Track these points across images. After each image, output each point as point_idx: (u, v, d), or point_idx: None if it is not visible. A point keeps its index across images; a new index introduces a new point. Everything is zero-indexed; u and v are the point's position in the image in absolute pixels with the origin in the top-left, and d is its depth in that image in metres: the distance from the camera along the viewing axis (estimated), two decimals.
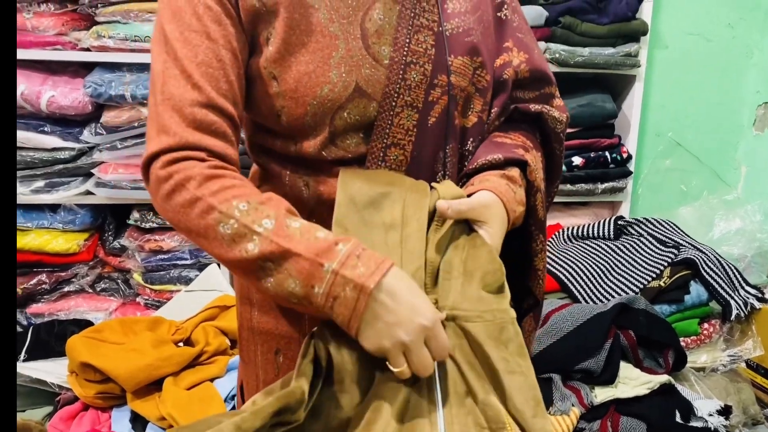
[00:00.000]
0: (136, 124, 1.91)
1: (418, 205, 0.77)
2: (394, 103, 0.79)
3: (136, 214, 2.04)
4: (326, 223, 0.76)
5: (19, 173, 1.95)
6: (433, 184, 0.81)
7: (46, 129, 1.91)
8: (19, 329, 2.03)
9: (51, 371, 1.73)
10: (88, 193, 1.99)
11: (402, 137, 0.80)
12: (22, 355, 1.83)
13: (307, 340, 0.72)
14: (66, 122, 1.93)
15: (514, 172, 0.83)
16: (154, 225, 2.03)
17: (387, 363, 0.70)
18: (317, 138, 0.79)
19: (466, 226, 0.79)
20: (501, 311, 0.74)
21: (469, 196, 0.80)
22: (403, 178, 0.80)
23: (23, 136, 1.90)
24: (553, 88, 0.95)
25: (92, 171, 1.98)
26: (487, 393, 0.71)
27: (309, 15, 0.76)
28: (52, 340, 1.88)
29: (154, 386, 1.59)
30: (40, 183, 1.96)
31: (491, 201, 0.78)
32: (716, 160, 2.40)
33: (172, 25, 0.75)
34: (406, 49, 0.79)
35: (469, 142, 0.88)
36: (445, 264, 0.76)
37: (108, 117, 1.90)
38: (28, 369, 1.75)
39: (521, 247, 0.89)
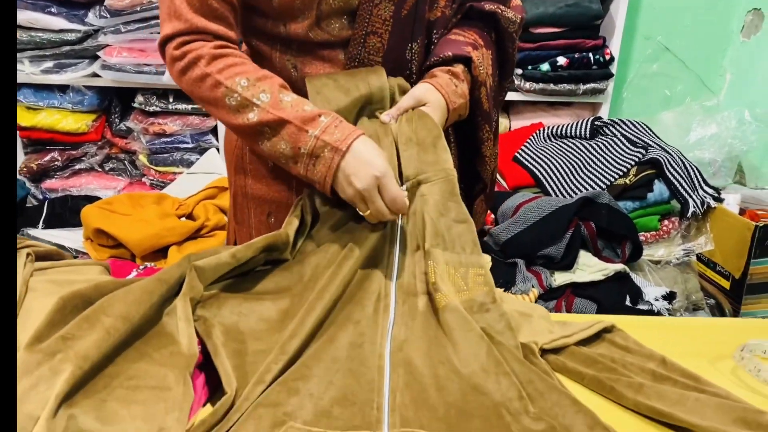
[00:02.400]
0: (138, 9, 1.97)
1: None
2: None
3: (140, 98, 2.14)
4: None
5: (28, 53, 2.04)
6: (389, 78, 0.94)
7: (52, 10, 1.98)
8: (35, 202, 2.20)
9: (68, 238, 1.91)
10: (95, 75, 2.09)
11: (380, 26, 0.91)
12: (41, 224, 2.02)
13: (296, 202, 0.90)
14: (71, 4, 2.00)
15: (459, 68, 0.96)
16: (158, 109, 2.14)
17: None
18: (305, 20, 0.89)
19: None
20: (449, 169, 0.91)
21: None
22: (365, 76, 0.93)
23: (31, 17, 1.98)
24: None
25: (98, 54, 2.06)
26: (434, 246, 0.86)
27: None
28: (66, 212, 2.05)
29: (161, 254, 1.77)
30: (49, 63, 2.06)
31: (429, 92, 0.93)
32: (702, 66, 2.42)
33: None
34: None
35: (434, 36, 0.98)
36: (401, 136, 0.91)
37: (112, 0, 1.96)
38: (46, 235, 1.93)
39: (471, 135, 1.02)
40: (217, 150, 2.21)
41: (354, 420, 0.68)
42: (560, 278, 1.73)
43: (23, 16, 1.98)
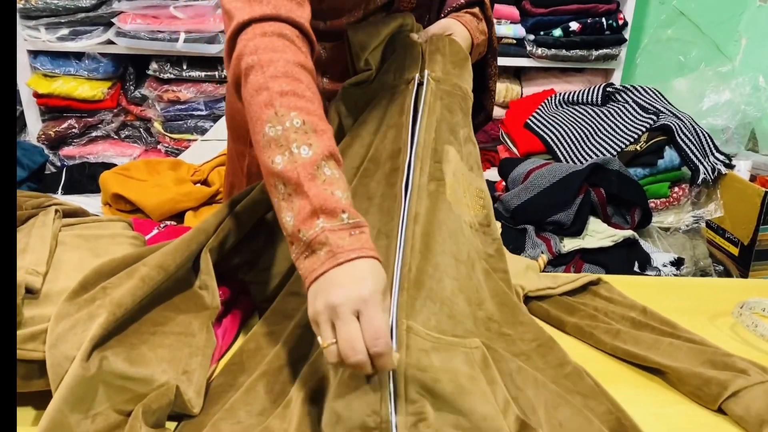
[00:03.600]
0: None
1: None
2: None
3: (154, 65, 2.17)
4: (341, 80, 0.93)
5: (44, 20, 2.07)
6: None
7: None
8: (53, 169, 2.25)
9: (86, 203, 1.96)
10: (109, 42, 2.11)
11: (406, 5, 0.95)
12: (60, 191, 2.06)
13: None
14: None
15: (476, 9, 1.01)
16: (172, 76, 2.16)
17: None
18: (350, 18, 0.91)
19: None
20: (469, 91, 0.95)
21: None
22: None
23: None
24: None
25: (112, 20, 2.08)
26: (449, 143, 0.87)
27: None
28: (84, 179, 2.09)
29: (177, 218, 1.81)
30: (65, 31, 2.08)
31: (455, 24, 0.97)
32: (718, 32, 2.39)
33: None
34: None
35: None
36: (431, 45, 0.94)
37: None
38: (66, 200, 1.97)
39: (480, 72, 1.07)
40: None
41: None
42: (569, 244, 1.74)
43: None
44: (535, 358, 0.76)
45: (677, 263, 1.78)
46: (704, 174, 1.84)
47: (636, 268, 1.76)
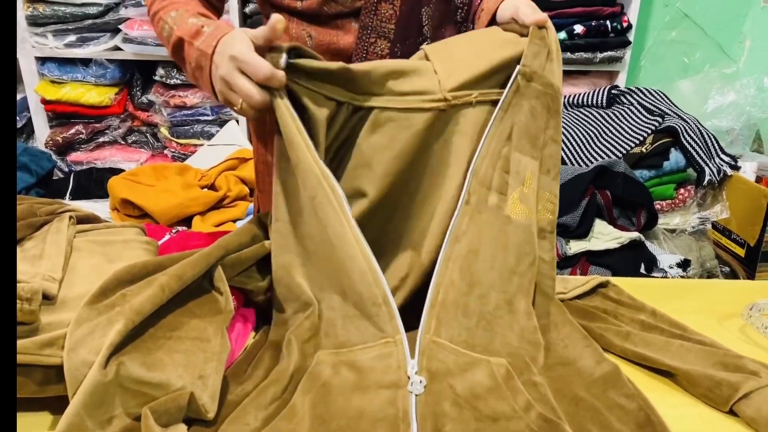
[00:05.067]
0: None
1: None
2: None
3: (161, 71, 2.18)
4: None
5: (51, 27, 2.08)
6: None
7: None
8: (61, 175, 2.26)
9: (94, 209, 1.97)
10: (117, 48, 2.13)
11: None
12: (67, 196, 2.08)
13: None
14: None
15: None
16: (178, 81, 2.18)
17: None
18: None
19: None
20: (560, 87, 0.86)
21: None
22: None
23: None
24: None
25: (119, 27, 2.09)
26: (526, 152, 0.83)
27: None
28: (91, 184, 2.11)
29: (185, 223, 1.83)
30: (72, 37, 2.09)
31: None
32: (722, 33, 2.40)
33: None
34: None
35: None
36: (532, 38, 0.86)
37: None
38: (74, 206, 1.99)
39: None
40: (237, 122, 2.25)
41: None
42: (575, 246, 1.75)
43: None
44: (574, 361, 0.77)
45: (683, 265, 1.78)
46: (710, 175, 1.84)
47: (642, 270, 1.76)
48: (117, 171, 2.11)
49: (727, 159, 1.86)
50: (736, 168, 1.87)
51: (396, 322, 0.73)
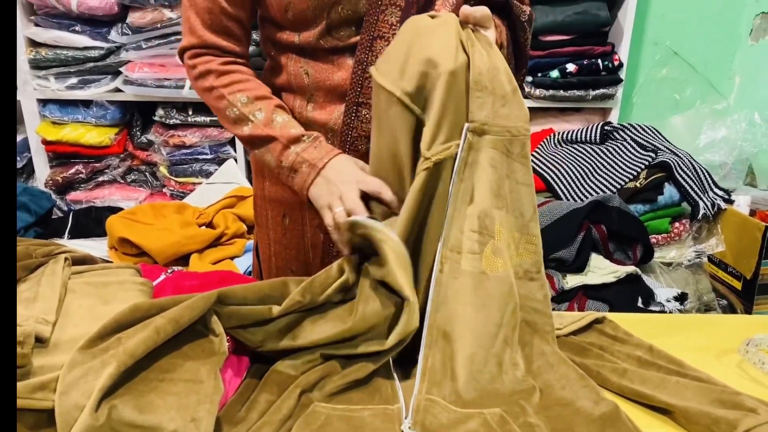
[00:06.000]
0: (159, 26, 2.04)
1: None
2: (380, 2, 0.94)
3: (160, 111, 2.21)
4: (324, 107, 0.98)
5: (54, 70, 2.12)
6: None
7: (77, 29, 2.06)
8: (60, 214, 2.27)
9: (92, 247, 1.98)
10: (117, 90, 2.16)
11: (386, 30, 0.95)
12: (66, 235, 2.08)
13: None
14: (95, 23, 2.08)
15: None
16: (177, 121, 2.21)
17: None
18: (316, 29, 0.95)
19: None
20: (523, 127, 0.83)
21: None
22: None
23: (56, 35, 2.06)
24: None
25: (120, 69, 2.13)
26: (494, 207, 0.82)
27: None
28: (90, 223, 2.11)
29: (182, 261, 1.83)
30: (74, 80, 2.13)
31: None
32: (712, 70, 2.45)
33: None
34: None
35: None
36: (474, 71, 0.80)
37: (133, 18, 2.04)
38: (72, 245, 1.99)
39: None
40: (235, 160, 2.27)
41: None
42: (572, 280, 1.75)
43: (49, 35, 2.06)
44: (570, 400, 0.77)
45: (681, 298, 1.78)
46: (704, 209, 1.86)
47: (640, 304, 1.76)
48: (116, 209, 2.13)
49: (720, 193, 1.88)
50: (729, 202, 1.89)
51: (398, 394, 0.76)
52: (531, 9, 1.07)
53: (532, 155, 2.14)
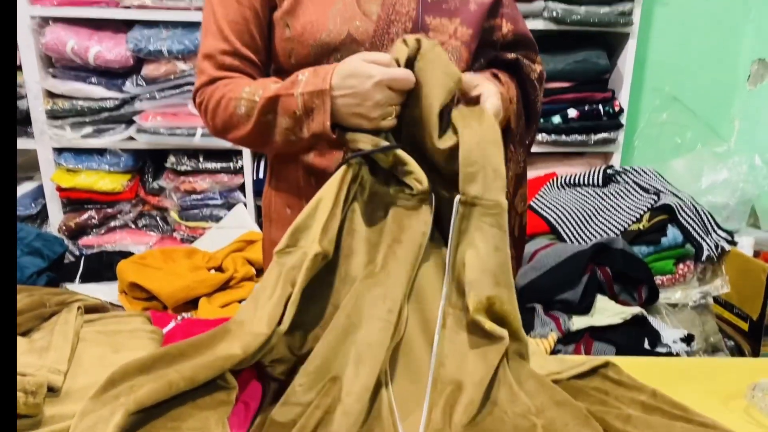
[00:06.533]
0: (172, 77, 2.11)
1: None
2: (378, 51, 0.96)
3: (172, 158, 2.27)
4: (323, 153, 1.00)
5: (69, 120, 2.19)
6: None
7: (93, 80, 2.13)
8: (72, 258, 2.31)
9: (103, 291, 2.00)
10: (131, 138, 2.22)
11: None
12: (77, 280, 2.12)
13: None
14: (110, 74, 2.15)
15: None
16: (188, 168, 2.26)
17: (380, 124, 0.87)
18: None
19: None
20: (504, 202, 0.87)
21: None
22: None
23: (73, 87, 2.13)
24: (535, 54, 1.11)
25: (134, 118, 2.20)
26: (477, 280, 0.85)
27: None
28: (101, 267, 2.14)
29: (191, 305, 1.85)
30: (89, 129, 2.20)
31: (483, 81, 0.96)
32: (712, 114, 2.49)
33: None
34: (391, 8, 0.98)
35: None
36: (464, 146, 0.86)
37: (147, 70, 2.11)
38: (83, 290, 2.02)
39: None
40: (245, 205, 2.31)
41: None
42: (578, 322, 1.75)
43: (66, 87, 2.13)
44: None
45: (687, 339, 1.77)
46: (708, 251, 1.87)
47: (646, 345, 1.76)
48: (126, 254, 2.15)
49: (723, 234, 1.89)
50: (733, 243, 1.90)
51: None
52: (542, 67, 1.11)
53: (536, 198, 2.17)
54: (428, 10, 0.99)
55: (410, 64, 0.88)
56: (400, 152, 0.87)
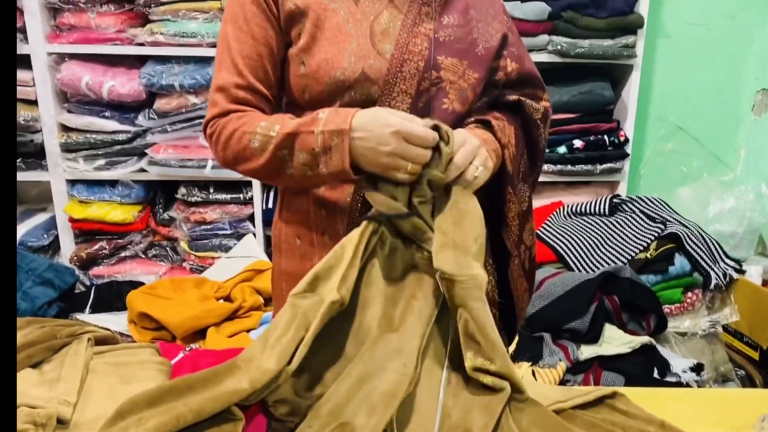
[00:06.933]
0: (183, 110, 2.16)
1: None
2: (392, 89, 0.99)
3: (183, 189, 2.30)
4: (335, 186, 1.01)
5: (83, 152, 2.23)
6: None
7: (106, 114, 2.18)
8: (83, 288, 2.33)
9: (112, 321, 2.02)
10: (142, 170, 2.26)
11: None
12: (87, 309, 2.13)
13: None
14: (123, 108, 2.20)
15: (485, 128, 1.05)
16: (199, 199, 2.29)
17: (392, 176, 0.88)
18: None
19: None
20: (479, 275, 0.91)
21: None
22: None
23: (87, 121, 2.18)
24: (541, 92, 1.13)
25: (146, 151, 2.24)
26: (466, 348, 0.89)
27: (331, 17, 0.99)
28: (111, 297, 2.16)
29: (200, 334, 1.86)
30: (102, 161, 2.24)
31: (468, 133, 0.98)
32: (717, 143, 2.50)
33: (230, 27, 1.01)
34: (404, 47, 1.00)
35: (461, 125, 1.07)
36: (440, 225, 0.90)
37: (160, 104, 2.16)
38: (93, 319, 2.04)
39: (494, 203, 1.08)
40: (254, 235, 2.33)
41: None
42: (587, 351, 1.75)
43: (80, 121, 2.18)
44: None
45: (697, 369, 1.76)
46: (716, 279, 1.87)
47: (656, 375, 1.75)
48: (136, 284, 2.17)
49: (731, 263, 1.89)
50: (741, 272, 1.90)
51: None
52: (549, 104, 1.12)
53: (543, 227, 2.18)
54: (440, 49, 1.02)
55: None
56: (416, 220, 0.90)
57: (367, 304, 0.90)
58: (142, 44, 2.14)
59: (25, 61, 2.13)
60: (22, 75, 2.14)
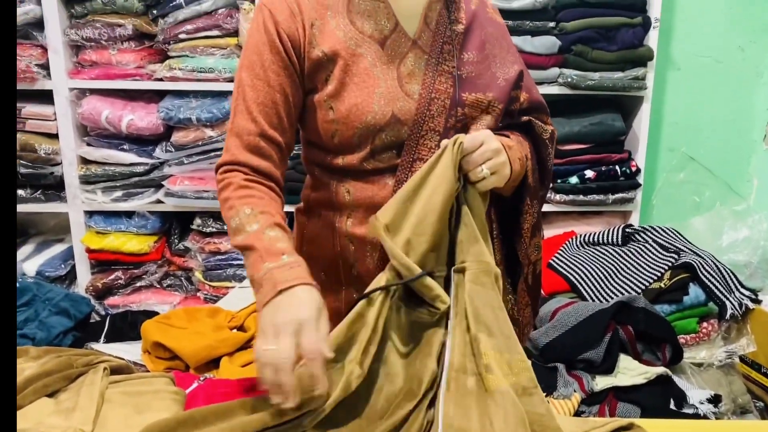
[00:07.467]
0: (200, 143, 2.20)
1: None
2: (421, 128, 1.02)
3: (198, 220, 2.33)
4: (363, 222, 1.04)
5: (101, 185, 2.28)
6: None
7: (125, 147, 2.24)
8: (98, 318, 2.35)
9: (127, 350, 2.03)
10: (159, 201, 2.30)
11: (426, 153, 1.03)
12: (102, 339, 2.15)
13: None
14: (141, 141, 2.25)
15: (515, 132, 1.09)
16: (214, 230, 2.32)
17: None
18: (361, 153, 1.03)
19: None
20: (491, 263, 0.96)
21: None
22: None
23: (106, 154, 2.23)
24: (546, 117, 1.17)
25: (162, 183, 2.28)
26: (480, 331, 0.91)
27: (359, 62, 1.02)
28: (125, 327, 2.17)
29: (213, 364, 1.86)
30: (119, 193, 2.28)
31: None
32: (729, 173, 2.50)
33: (245, 73, 1.02)
34: (431, 87, 1.03)
35: None
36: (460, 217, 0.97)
37: (177, 137, 2.21)
38: (107, 349, 2.05)
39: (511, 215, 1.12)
40: None
41: None
42: (602, 382, 1.73)
43: (99, 153, 2.23)
44: None
45: (715, 400, 1.73)
46: (731, 309, 1.85)
47: (672, 406, 1.72)
48: (151, 313, 2.17)
49: (747, 293, 1.88)
50: (757, 302, 1.88)
51: None
52: (553, 128, 1.16)
53: (556, 257, 2.17)
54: (464, 86, 1.05)
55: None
56: (428, 280, 0.93)
57: (389, 374, 0.93)
58: (160, 79, 2.19)
59: (48, 96, 2.19)
60: (43, 109, 2.21)
